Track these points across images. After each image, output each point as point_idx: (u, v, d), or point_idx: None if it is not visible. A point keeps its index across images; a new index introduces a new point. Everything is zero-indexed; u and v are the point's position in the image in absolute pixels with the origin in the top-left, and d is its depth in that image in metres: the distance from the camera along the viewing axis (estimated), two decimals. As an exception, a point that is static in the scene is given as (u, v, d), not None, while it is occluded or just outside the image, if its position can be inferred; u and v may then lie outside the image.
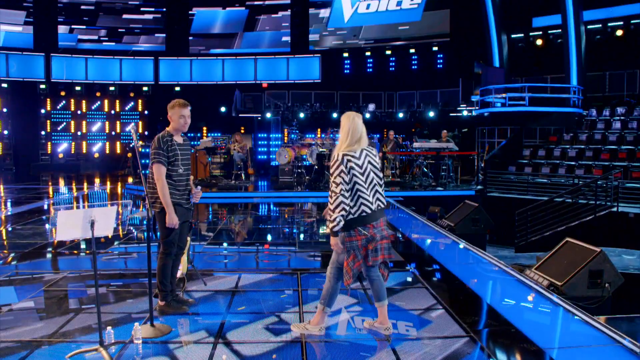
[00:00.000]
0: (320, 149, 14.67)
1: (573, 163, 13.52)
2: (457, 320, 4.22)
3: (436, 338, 3.89)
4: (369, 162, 3.70)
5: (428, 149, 14.27)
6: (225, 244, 7.63)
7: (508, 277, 5.53)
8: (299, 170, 15.49)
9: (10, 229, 8.49)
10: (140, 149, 14.76)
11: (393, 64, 21.04)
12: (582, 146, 14.09)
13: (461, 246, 7.05)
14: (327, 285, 3.84)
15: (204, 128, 20.23)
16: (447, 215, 9.28)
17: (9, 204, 11.74)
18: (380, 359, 3.56)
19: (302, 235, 8.45)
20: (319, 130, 20.16)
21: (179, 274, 4.78)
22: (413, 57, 20.70)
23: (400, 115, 19.75)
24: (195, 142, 18.34)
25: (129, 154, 18.04)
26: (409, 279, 5.53)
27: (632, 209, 10.67)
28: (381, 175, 3.80)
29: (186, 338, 3.88)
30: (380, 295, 3.86)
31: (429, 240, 7.67)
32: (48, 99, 19.93)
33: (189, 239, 4.86)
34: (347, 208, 3.56)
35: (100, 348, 3.47)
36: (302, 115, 19.60)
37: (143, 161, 14.51)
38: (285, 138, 19.65)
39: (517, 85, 15.92)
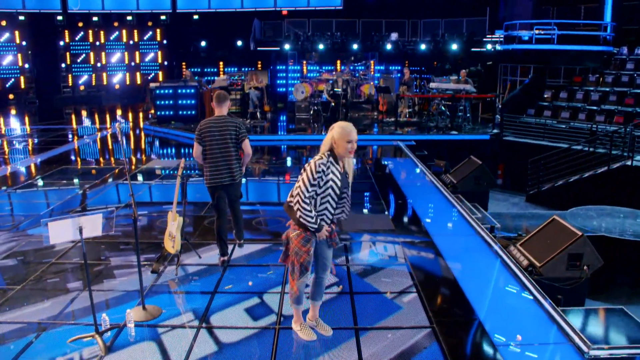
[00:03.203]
0: (336, 89, 14.46)
1: (595, 108, 13.04)
2: (426, 308, 4.51)
3: (400, 328, 4.20)
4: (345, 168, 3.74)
5: (445, 91, 13.92)
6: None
7: (490, 256, 5.71)
8: (316, 107, 15.40)
9: (29, 183, 9.03)
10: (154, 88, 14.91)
11: (418, -11, 19.92)
12: (607, 89, 13.48)
13: (456, 212, 7.19)
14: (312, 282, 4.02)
15: (221, 63, 20.03)
16: (452, 170, 9.33)
17: (31, 151, 12.30)
18: (344, 350, 3.91)
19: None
20: (338, 62, 19.74)
21: (173, 251, 5.17)
22: (439, -18, 19.50)
23: (423, 46, 19.02)
24: (210, 78, 18.33)
25: (148, 86, 18.21)
26: (393, 253, 5.80)
27: (647, 163, 10.42)
28: (350, 181, 3.81)
29: (173, 321, 4.30)
30: (319, 296, 4.06)
31: (425, 204, 7.80)
32: (66, 31, 19.92)
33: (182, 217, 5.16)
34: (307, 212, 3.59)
35: (95, 335, 3.94)
36: (321, 46, 19.10)
37: (159, 102, 14.76)
38: (305, 70, 19.37)
39: (544, 21, 14.97)
